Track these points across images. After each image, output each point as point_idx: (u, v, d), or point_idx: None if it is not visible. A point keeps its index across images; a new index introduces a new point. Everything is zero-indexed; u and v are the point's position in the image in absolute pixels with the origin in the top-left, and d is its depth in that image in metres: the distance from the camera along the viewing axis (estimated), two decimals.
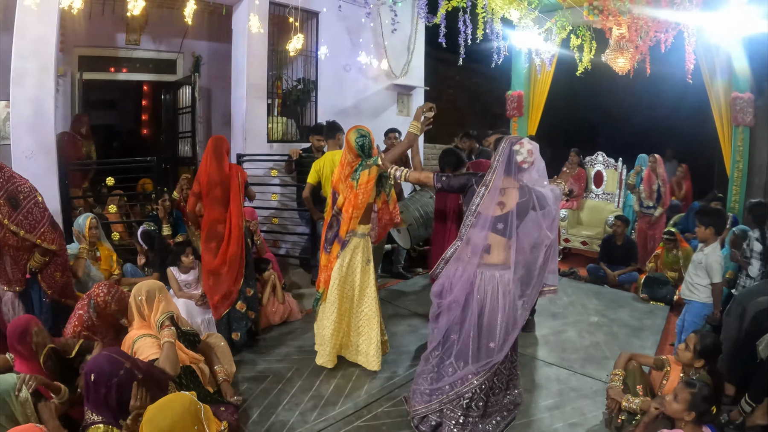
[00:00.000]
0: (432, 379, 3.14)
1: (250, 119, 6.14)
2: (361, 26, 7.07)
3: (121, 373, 2.44)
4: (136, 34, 7.49)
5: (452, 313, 3.02)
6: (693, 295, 4.13)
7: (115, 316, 3.28)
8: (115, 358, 2.49)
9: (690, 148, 9.34)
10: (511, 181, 2.97)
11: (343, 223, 3.76)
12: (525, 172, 2.97)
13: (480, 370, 2.97)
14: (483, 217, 2.94)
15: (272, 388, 3.65)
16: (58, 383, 2.68)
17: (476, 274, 2.96)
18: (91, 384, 2.41)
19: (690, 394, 2.51)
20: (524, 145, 2.94)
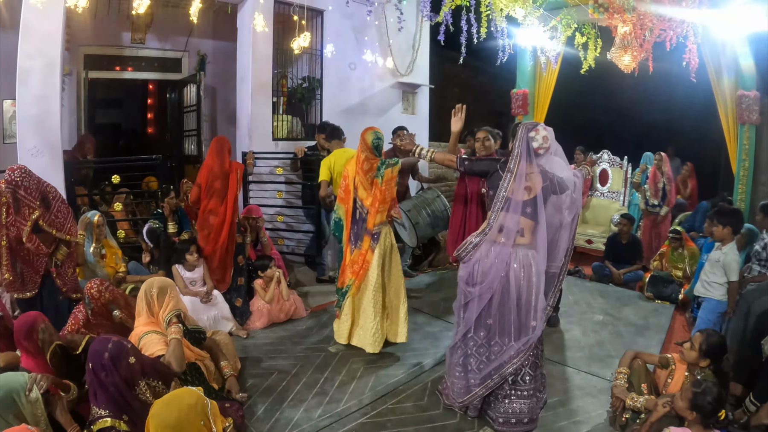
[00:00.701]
0: (470, 367, 3.22)
1: (255, 117, 6.16)
2: (366, 24, 7.07)
3: (110, 346, 2.43)
4: (141, 33, 7.51)
5: (483, 299, 3.09)
6: (708, 292, 4.17)
7: (109, 307, 3.42)
8: (103, 337, 2.52)
9: (696, 146, 9.30)
10: (533, 167, 3.07)
11: (370, 217, 4.05)
12: (542, 157, 3.07)
13: (522, 349, 3.07)
14: (513, 201, 3.03)
15: (277, 385, 3.66)
16: (67, 381, 2.70)
17: (511, 254, 3.06)
18: (91, 372, 2.41)
19: (692, 393, 2.50)
20: (539, 132, 3.05)
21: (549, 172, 3.07)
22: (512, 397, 3.15)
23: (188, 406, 2.12)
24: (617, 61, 6.82)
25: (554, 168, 3.09)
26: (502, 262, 3.05)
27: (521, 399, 3.15)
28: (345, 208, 4.20)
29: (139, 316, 3.17)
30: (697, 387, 2.52)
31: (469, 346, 3.23)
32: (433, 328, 4.74)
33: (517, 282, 3.05)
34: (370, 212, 4.04)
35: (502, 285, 3.06)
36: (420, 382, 3.76)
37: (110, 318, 3.49)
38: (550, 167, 3.09)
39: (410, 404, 3.47)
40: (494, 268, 3.06)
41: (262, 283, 4.88)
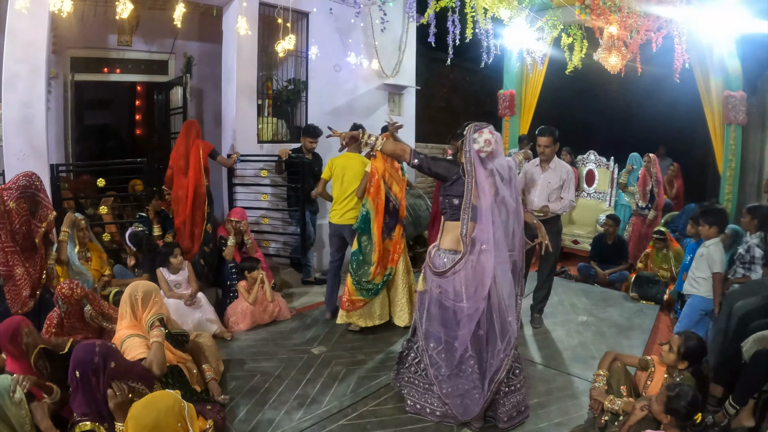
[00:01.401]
0: (467, 386, 3.16)
1: (240, 120, 6.12)
2: (351, 26, 7.03)
3: (97, 350, 2.46)
4: (127, 36, 7.47)
5: (473, 320, 3.04)
6: (694, 289, 4.24)
7: (81, 303, 3.41)
8: (86, 343, 2.54)
9: (682, 146, 9.34)
10: (486, 170, 3.06)
11: (402, 208, 4.69)
12: (486, 161, 3.01)
13: (508, 349, 3.12)
14: (482, 209, 2.99)
15: (259, 386, 3.68)
16: (50, 383, 2.72)
17: (492, 261, 3.01)
18: (77, 378, 2.43)
19: (667, 396, 2.50)
20: (483, 134, 2.98)
21: (499, 175, 3.08)
22: (510, 394, 3.21)
23: (166, 408, 2.16)
24: (604, 61, 6.86)
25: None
26: (489, 273, 2.99)
27: (517, 392, 3.25)
28: (375, 202, 4.51)
29: (122, 320, 3.18)
30: (671, 391, 2.52)
31: (470, 364, 3.14)
32: None
33: (498, 287, 3.05)
34: (401, 204, 4.64)
35: (492, 294, 3.04)
36: None
37: (83, 318, 3.49)
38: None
39: (391, 406, 3.47)
40: (482, 281, 3.00)
41: (246, 285, 4.89)
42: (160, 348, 2.95)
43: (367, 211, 4.53)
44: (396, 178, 4.62)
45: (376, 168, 4.52)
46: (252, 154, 6.10)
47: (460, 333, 3.10)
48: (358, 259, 4.58)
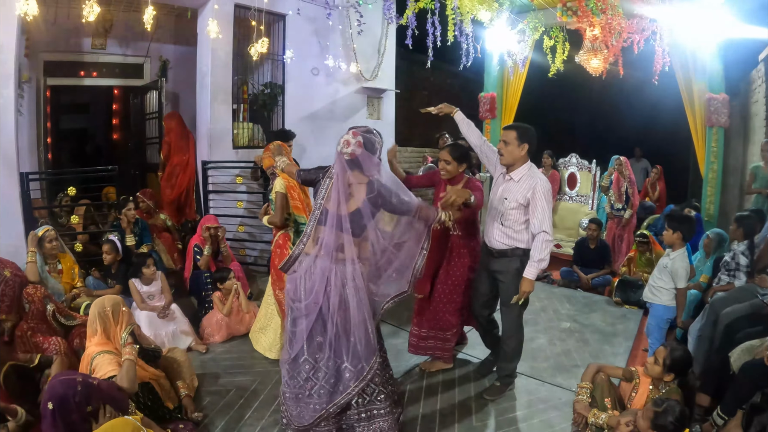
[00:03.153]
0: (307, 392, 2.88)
1: (215, 125, 6.00)
2: (329, 29, 6.94)
3: (79, 388, 2.41)
4: (101, 39, 7.31)
5: (311, 316, 2.81)
6: (655, 297, 4.06)
7: (44, 302, 3.50)
8: (67, 378, 2.47)
9: (664, 149, 9.39)
10: (360, 176, 2.80)
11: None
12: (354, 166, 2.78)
13: (359, 374, 2.79)
14: (331, 214, 2.75)
15: (235, 402, 3.54)
16: (14, 406, 2.63)
17: (331, 269, 2.76)
18: (52, 413, 2.36)
19: (654, 412, 2.43)
20: (344, 136, 2.79)
21: (379, 183, 2.79)
22: (369, 420, 2.91)
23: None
24: (585, 64, 6.83)
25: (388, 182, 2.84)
26: (323, 278, 2.77)
27: (380, 418, 2.92)
28: (306, 216, 4.09)
29: (92, 337, 3.06)
30: (658, 406, 2.44)
31: (305, 369, 2.89)
32: (397, 340, 4.60)
33: (342, 301, 2.77)
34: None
35: (326, 302, 2.79)
36: None
37: (46, 320, 3.51)
38: (387, 179, 2.84)
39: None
40: (317, 284, 2.77)
41: (221, 296, 4.76)
42: (132, 366, 2.85)
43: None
44: (299, 190, 4.16)
45: (287, 179, 4.06)
46: (227, 160, 5.96)
47: (297, 331, 2.89)
48: None
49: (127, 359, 2.85)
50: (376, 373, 2.85)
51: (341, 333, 2.79)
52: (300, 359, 2.88)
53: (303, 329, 2.84)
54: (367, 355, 2.79)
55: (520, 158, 3.44)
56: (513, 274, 3.45)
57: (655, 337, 4.01)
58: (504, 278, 3.51)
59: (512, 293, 3.44)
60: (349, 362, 2.79)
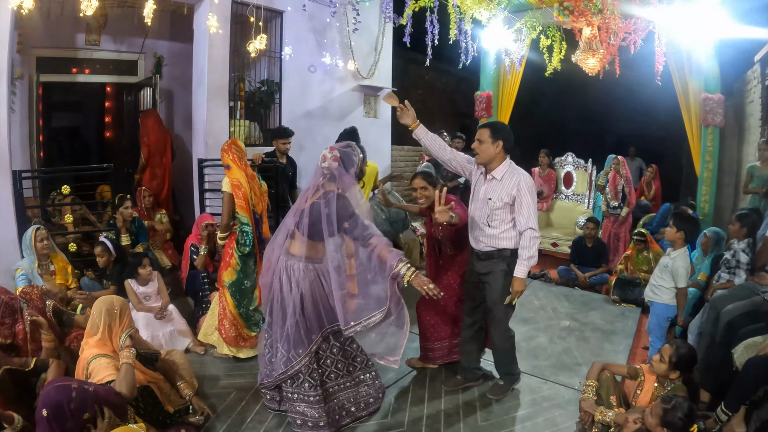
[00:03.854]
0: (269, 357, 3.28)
1: (211, 123, 5.93)
2: (327, 26, 6.91)
3: (74, 395, 2.33)
4: (95, 35, 7.20)
5: (272, 291, 3.14)
6: (656, 296, 4.07)
7: (43, 299, 3.47)
8: (62, 385, 2.40)
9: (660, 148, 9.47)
10: (333, 186, 3.05)
11: (266, 225, 4.36)
12: (333, 179, 3.05)
13: (291, 359, 3.09)
14: (294, 207, 3.15)
15: (236, 405, 3.50)
16: (10, 413, 2.55)
17: (279, 259, 3.09)
18: (47, 420, 2.28)
19: (663, 409, 2.44)
20: (324, 150, 3.10)
21: (332, 196, 2.99)
22: (294, 402, 3.15)
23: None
24: (582, 63, 6.84)
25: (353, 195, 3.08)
26: (274, 266, 3.12)
27: (304, 403, 3.12)
28: (249, 217, 4.01)
29: (91, 336, 2.98)
30: (666, 403, 2.45)
31: (265, 337, 3.33)
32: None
33: (279, 290, 3.08)
34: (264, 219, 4.17)
35: (272, 287, 3.12)
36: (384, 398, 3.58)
37: (46, 317, 3.42)
38: (351, 193, 3.06)
39: (374, 422, 3.33)
40: (271, 263, 3.14)
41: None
42: (130, 370, 2.77)
43: (249, 228, 4.01)
44: (256, 189, 4.10)
45: (238, 179, 3.98)
46: None
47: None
48: (241, 288, 4.11)
49: (125, 363, 2.78)
50: (309, 365, 3.12)
51: (278, 317, 3.11)
52: (266, 326, 3.32)
53: (265, 300, 3.28)
54: (294, 347, 3.07)
55: (496, 156, 3.37)
56: (499, 275, 3.39)
57: (656, 336, 4.02)
58: (490, 280, 3.45)
59: (499, 294, 3.40)
60: (282, 346, 3.12)
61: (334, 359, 3.25)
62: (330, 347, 3.22)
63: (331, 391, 3.24)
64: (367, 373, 3.41)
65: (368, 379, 3.41)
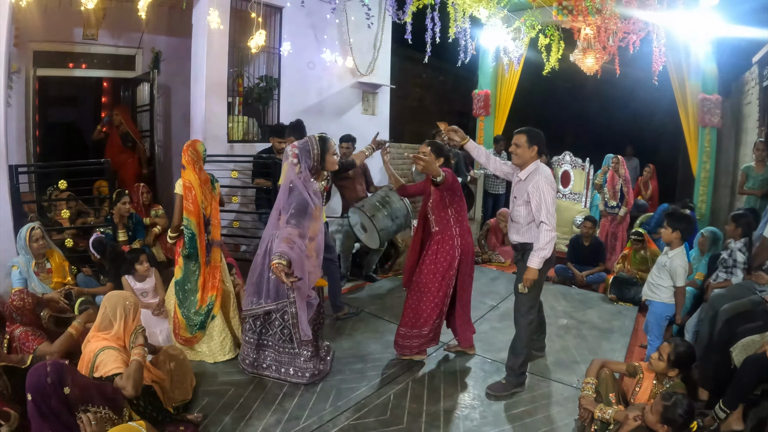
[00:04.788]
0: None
1: (209, 118, 5.91)
2: (326, 22, 6.90)
3: (48, 369, 2.31)
4: (93, 29, 7.15)
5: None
6: (654, 295, 4.09)
7: (35, 311, 3.44)
8: (36, 365, 2.39)
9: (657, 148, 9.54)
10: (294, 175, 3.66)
11: (215, 228, 4.40)
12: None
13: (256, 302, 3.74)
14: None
15: (234, 402, 3.49)
16: (6, 409, 2.52)
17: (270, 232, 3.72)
18: (33, 403, 2.27)
19: (663, 406, 2.45)
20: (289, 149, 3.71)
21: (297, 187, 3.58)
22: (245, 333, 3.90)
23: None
24: (580, 63, 6.86)
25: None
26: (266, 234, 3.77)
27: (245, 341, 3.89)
28: (197, 221, 4.00)
29: (98, 329, 2.96)
30: (667, 400, 2.46)
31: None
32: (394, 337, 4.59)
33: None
34: (213, 223, 4.19)
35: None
36: (382, 395, 3.62)
37: (41, 326, 3.41)
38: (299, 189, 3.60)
39: (372, 419, 3.33)
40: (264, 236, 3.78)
41: None
42: (140, 368, 2.75)
43: (192, 232, 3.99)
44: (206, 194, 4.12)
45: (191, 181, 4.01)
46: (222, 154, 5.90)
47: None
48: (184, 288, 4.11)
49: (135, 360, 2.76)
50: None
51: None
52: None
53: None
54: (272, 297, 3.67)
55: (530, 159, 3.62)
56: (522, 267, 3.64)
57: (654, 334, 4.04)
58: (518, 272, 3.73)
59: (517, 284, 3.67)
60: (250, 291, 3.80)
61: (282, 324, 3.74)
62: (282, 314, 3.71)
63: (264, 344, 3.82)
64: (305, 350, 3.75)
65: (303, 355, 3.75)
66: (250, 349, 3.84)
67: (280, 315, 3.72)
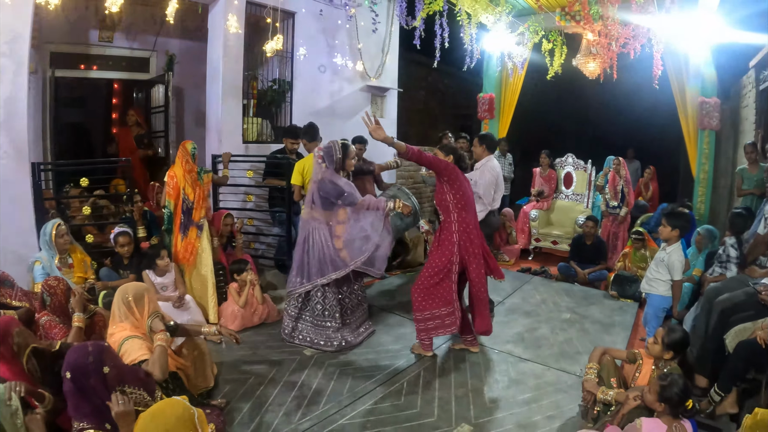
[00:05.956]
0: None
1: (225, 120, 6.10)
2: (337, 28, 7.09)
3: (90, 349, 2.39)
4: (109, 31, 7.33)
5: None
6: (652, 289, 4.31)
7: (66, 295, 3.50)
8: (77, 346, 2.47)
9: (657, 150, 9.67)
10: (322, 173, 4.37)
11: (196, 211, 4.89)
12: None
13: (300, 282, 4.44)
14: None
15: (255, 389, 3.65)
16: (42, 391, 2.61)
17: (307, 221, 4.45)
18: (72, 381, 2.34)
19: (660, 385, 2.62)
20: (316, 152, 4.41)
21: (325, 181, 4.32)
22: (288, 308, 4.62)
23: (176, 418, 2.04)
24: (582, 67, 7.05)
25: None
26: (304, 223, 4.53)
27: (286, 314, 4.62)
28: (175, 203, 4.89)
29: (116, 323, 3.08)
30: (664, 380, 2.64)
31: None
32: (406, 329, 4.78)
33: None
34: (195, 207, 4.82)
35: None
36: (396, 383, 3.81)
37: (67, 312, 3.50)
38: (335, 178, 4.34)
39: (388, 404, 3.52)
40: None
41: (237, 287, 4.85)
42: (164, 352, 2.86)
43: (170, 212, 4.92)
44: (190, 181, 4.82)
45: (175, 173, 4.87)
46: (237, 154, 6.09)
47: None
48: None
49: (159, 345, 2.86)
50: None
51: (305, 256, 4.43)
52: None
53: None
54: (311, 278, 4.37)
55: (482, 154, 5.08)
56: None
57: (652, 326, 4.23)
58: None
59: None
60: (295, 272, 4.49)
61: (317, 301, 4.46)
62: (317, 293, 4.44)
63: (301, 317, 4.51)
64: (333, 322, 4.44)
65: (332, 327, 4.43)
66: (289, 321, 4.55)
67: (315, 293, 4.43)
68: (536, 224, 7.77)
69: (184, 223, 4.84)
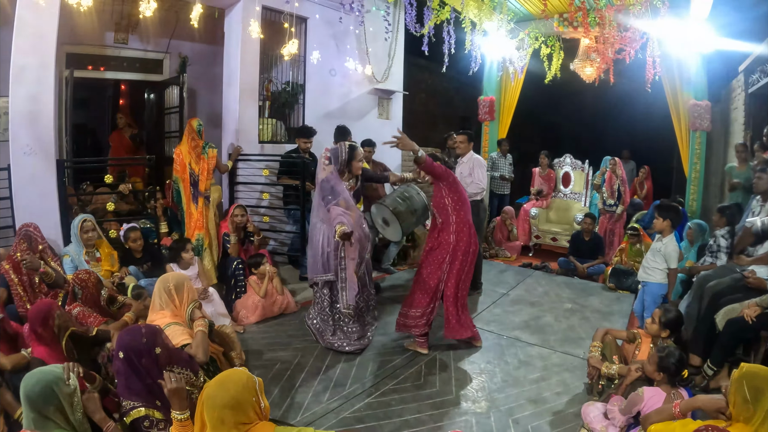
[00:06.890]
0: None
1: (242, 120, 6.34)
2: (347, 32, 7.34)
3: (144, 331, 2.55)
4: (124, 34, 7.50)
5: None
6: (649, 277, 4.66)
7: (98, 287, 3.76)
8: (131, 328, 2.65)
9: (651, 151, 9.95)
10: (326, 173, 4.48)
11: (201, 183, 5.50)
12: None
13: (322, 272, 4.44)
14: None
15: (282, 374, 3.89)
16: (93, 372, 2.71)
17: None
18: (124, 361, 2.49)
19: (658, 357, 2.94)
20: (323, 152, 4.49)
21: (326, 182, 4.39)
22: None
23: (242, 385, 2.14)
24: (580, 72, 7.34)
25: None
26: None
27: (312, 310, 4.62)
28: (182, 177, 5.52)
29: (156, 311, 3.24)
30: (662, 351, 2.96)
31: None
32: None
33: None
34: (200, 179, 5.39)
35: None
36: (415, 365, 4.10)
37: (98, 304, 3.72)
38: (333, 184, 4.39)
39: (409, 384, 3.79)
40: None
41: (256, 279, 5.08)
42: (205, 337, 3.06)
43: (178, 186, 5.59)
44: (194, 156, 5.47)
45: (181, 150, 5.52)
46: (254, 153, 6.34)
47: None
48: (176, 221, 5.76)
49: (201, 330, 3.06)
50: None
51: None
52: None
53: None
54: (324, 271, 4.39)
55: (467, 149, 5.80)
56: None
57: (650, 312, 4.54)
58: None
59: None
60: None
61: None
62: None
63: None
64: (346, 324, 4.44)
65: (346, 326, 4.43)
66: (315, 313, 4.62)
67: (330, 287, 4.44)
68: (536, 222, 8.08)
69: (194, 194, 5.47)
